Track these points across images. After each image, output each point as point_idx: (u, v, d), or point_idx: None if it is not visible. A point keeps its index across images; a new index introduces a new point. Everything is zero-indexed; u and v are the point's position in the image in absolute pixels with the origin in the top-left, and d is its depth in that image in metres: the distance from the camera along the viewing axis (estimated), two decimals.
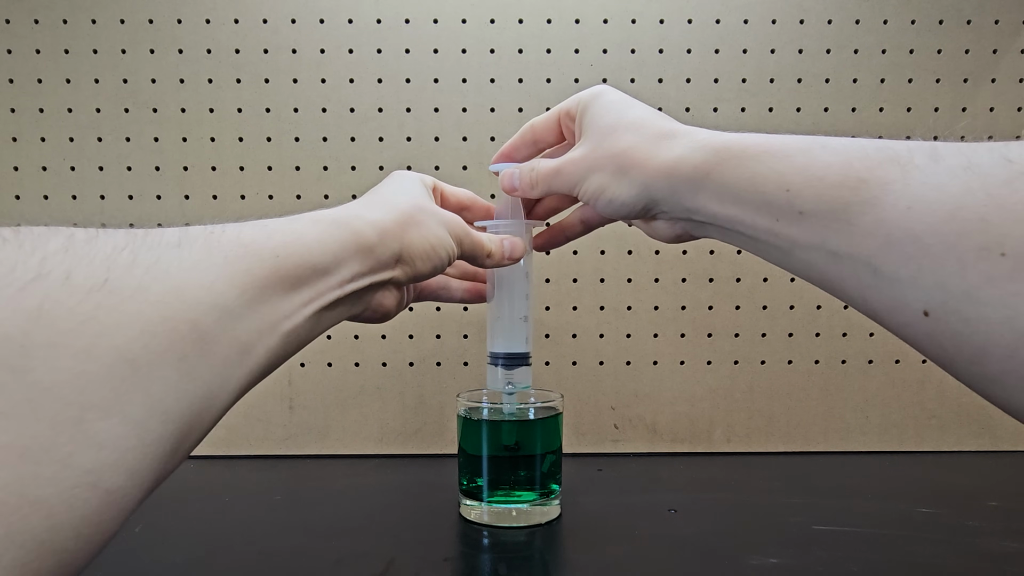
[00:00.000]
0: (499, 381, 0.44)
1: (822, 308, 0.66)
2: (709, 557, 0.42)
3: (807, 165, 0.26)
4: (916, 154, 0.23)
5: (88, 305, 0.18)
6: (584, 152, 0.35)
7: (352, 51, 0.63)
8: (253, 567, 0.41)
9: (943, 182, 0.22)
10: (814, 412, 0.66)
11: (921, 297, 0.22)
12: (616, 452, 0.66)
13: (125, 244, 0.20)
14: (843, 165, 0.25)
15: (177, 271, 0.21)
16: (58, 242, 0.18)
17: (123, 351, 0.18)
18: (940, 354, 0.23)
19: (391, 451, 0.66)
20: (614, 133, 0.33)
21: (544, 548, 0.44)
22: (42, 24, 0.61)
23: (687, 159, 0.30)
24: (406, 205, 0.34)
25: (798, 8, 0.63)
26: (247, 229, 0.25)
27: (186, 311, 0.20)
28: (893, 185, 0.23)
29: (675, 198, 0.31)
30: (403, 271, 0.33)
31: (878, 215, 0.23)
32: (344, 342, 0.65)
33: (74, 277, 0.18)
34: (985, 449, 0.67)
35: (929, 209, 0.21)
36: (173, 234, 0.22)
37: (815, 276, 0.27)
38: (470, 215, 0.43)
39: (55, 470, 0.16)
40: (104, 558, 0.42)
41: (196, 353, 0.20)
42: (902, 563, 0.41)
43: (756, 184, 0.27)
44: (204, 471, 0.61)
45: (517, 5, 0.62)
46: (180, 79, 0.62)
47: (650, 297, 0.65)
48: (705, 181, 0.29)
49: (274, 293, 0.25)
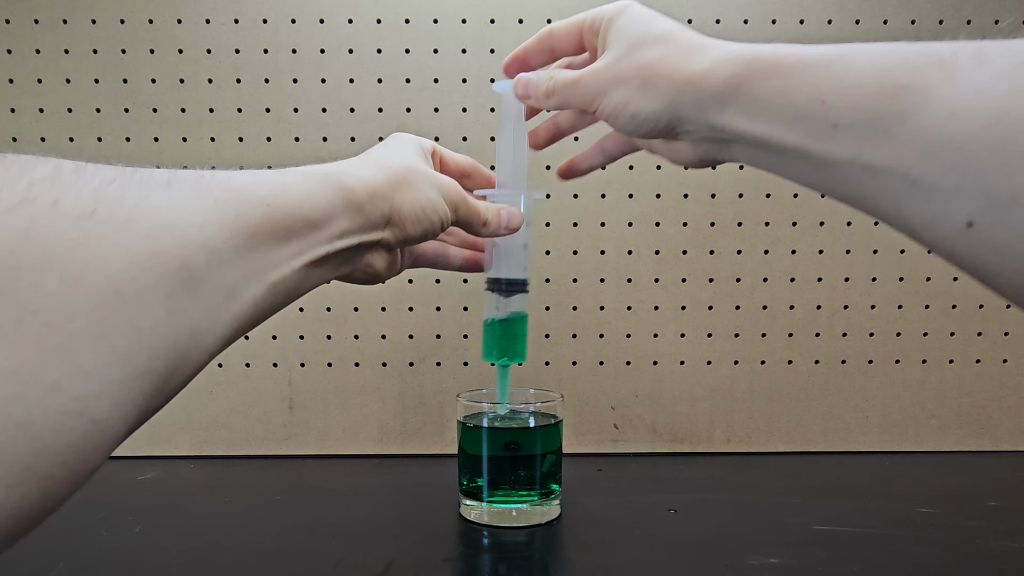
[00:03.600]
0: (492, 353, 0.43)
1: (822, 308, 0.66)
2: (709, 557, 0.42)
3: (843, 74, 0.24)
4: (961, 56, 0.22)
5: (76, 232, 0.18)
6: (608, 63, 0.32)
7: (352, 51, 0.63)
8: (253, 567, 0.41)
9: (989, 85, 0.20)
10: (814, 412, 0.66)
11: (964, 208, 0.21)
12: (616, 452, 0.66)
13: (114, 178, 0.20)
14: (881, 72, 0.23)
15: (167, 208, 0.20)
16: (45, 170, 0.18)
17: (111, 281, 0.18)
18: (982, 268, 0.22)
19: (391, 451, 0.66)
20: (642, 45, 0.31)
21: (544, 548, 0.44)
22: (42, 24, 0.61)
23: (716, 71, 0.28)
24: (398, 165, 0.33)
25: (798, 8, 0.63)
26: (237, 175, 0.25)
27: (175, 248, 0.20)
28: (936, 91, 0.21)
29: (701, 113, 0.29)
30: (393, 233, 0.32)
31: (918, 123, 0.22)
32: (344, 342, 0.65)
33: (62, 204, 0.18)
34: (985, 449, 0.67)
35: (974, 114, 0.20)
36: (162, 174, 0.22)
37: (847, 194, 0.26)
38: (471, 183, 0.42)
39: (42, 395, 0.16)
40: (104, 558, 0.42)
41: (183, 291, 0.20)
42: (902, 563, 0.41)
43: (788, 97, 0.26)
44: (204, 471, 0.61)
45: (517, 5, 0.62)
46: (180, 79, 0.62)
47: (650, 297, 0.65)
48: (735, 95, 0.27)
49: (263, 242, 0.24)
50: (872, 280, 0.65)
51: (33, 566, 0.41)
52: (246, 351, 0.65)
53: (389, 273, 0.35)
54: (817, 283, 0.66)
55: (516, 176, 0.42)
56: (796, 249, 0.65)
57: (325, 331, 0.65)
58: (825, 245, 0.65)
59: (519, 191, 0.41)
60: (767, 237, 0.65)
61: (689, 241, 0.65)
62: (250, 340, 0.64)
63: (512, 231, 0.40)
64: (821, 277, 0.65)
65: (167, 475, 0.59)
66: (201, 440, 0.65)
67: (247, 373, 0.65)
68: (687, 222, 0.65)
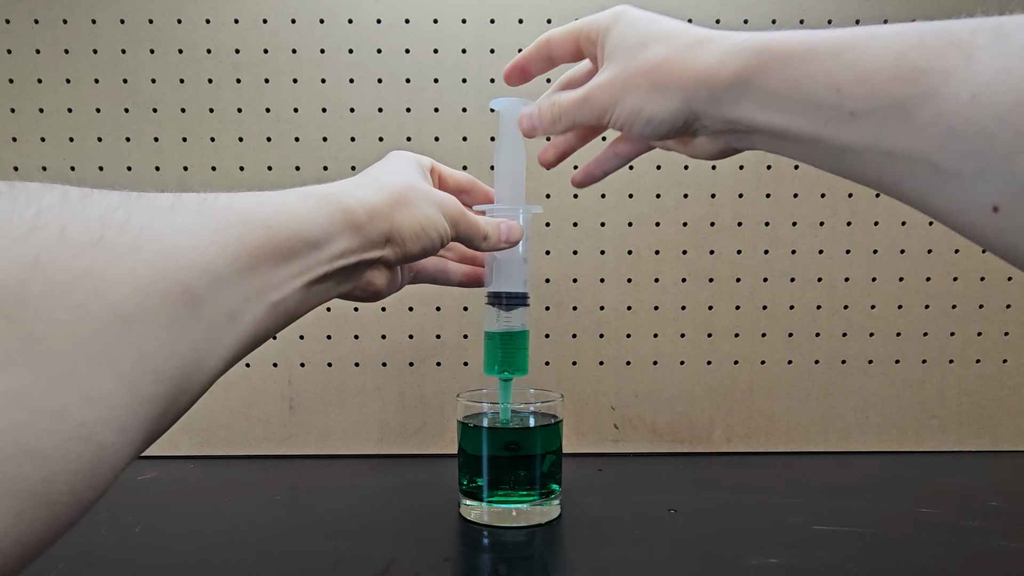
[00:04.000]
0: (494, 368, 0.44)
1: (822, 308, 0.66)
2: (709, 557, 0.42)
3: (858, 59, 0.24)
4: (979, 34, 0.21)
5: (84, 260, 0.18)
6: (613, 74, 0.32)
7: (352, 51, 0.63)
8: (253, 567, 0.41)
9: (1010, 64, 0.20)
10: (814, 412, 0.66)
11: (989, 191, 0.20)
12: (616, 452, 0.66)
13: (119, 203, 0.20)
14: (897, 56, 0.22)
15: (171, 233, 0.21)
16: (53, 197, 0.19)
17: (117, 308, 0.18)
18: (1012, 250, 0.21)
19: (391, 451, 0.66)
20: (645, 47, 0.30)
21: (544, 548, 0.44)
22: (42, 24, 0.61)
23: (726, 64, 0.28)
24: (397, 185, 0.33)
25: (798, 8, 0.63)
26: (239, 198, 0.25)
27: (179, 273, 0.20)
28: (955, 73, 0.21)
29: (717, 108, 0.29)
30: (393, 251, 0.33)
31: (938, 107, 0.21)
32: (344, 342, 0.65)
33: (70, 232, 0.18)
34: (985, 449, 0.67)
35: (996, 96, 0.20)
36: (166, 198, 0.22)
37: (870, 179, 0.25)
38: (469, 199, 0.42)
39: (49, 421, 0.16)
40: (104, 558, 0.42)
41: (187, 315, 0.20)
42: (902, 563, 0.41)
43: (802, 87, 0.25)
44: (204, 471, 0.61)
45: (517, 5, 0.62)
46: (180, 79, 0.62)
47: (650, 297, 0.65)
48: (748, 87, 0.27)
49: (264, 263, 0.25)
50: (872, 280, 0.65)
51: (33, 566, 0.41)
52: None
53: (390, 290, 0.36)
54: (817, 283, 0.66)
55: (515, 191, 0.42)
56: (796, 249, 0.65)
57: (325, 331, 0.65)
58: (825, 245, 0.65)
59: (518, 206, 0.42)
60: (767, 237, 0.65)
61: (689, 241, 0.65)
62: None
63: (512, 244, 0.40)
64: (821, 277, 0.65)
65: (167, 475, 0.59)
66: (201, 440, 0.65)
67: (247, 373, 0.65)
68: (687, 222, 0.65)
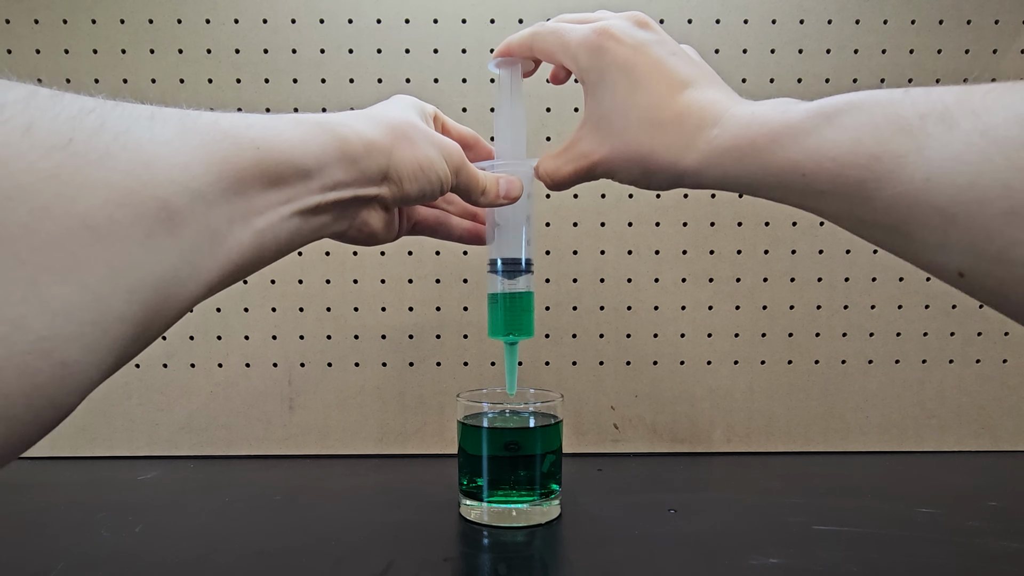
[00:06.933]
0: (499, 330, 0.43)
1: (822, 308, 0.66)
2: (709, 557, 0.42)
3: (817, 146, 0.26)
4: (928, 122, 0.22)
5: (49, 163, 0.17)
6: (604, 154, 0.34)
7: (352, 51, 0.63)
8: (253, 567, 0.41)
9: (959, 151, 0.21)
10: (814, 412, 0.66)
11: (953, 260, 0.22)
12: (616, 452, 0.66)
13: (93, 107, 0.19)
14: (853, 142, 0.24)
15: (149, 144, 0.20)
16: (19, 93, 0.17)
17: (84, 217, 0.17)
18: (988, 303, 0.23)
19: (391, 451, 0.66)
20: (627, 132, 0.33)
21: (544, 548, 0.44)
22: (42, 24, 0.61)
23: (707, 171, 0.31)
24: (397, 121, 0.32)
25: (798, 8, 0.63)
26: (226, 117, 0.24)
27: (156, 187, 0.19)
28: (908, 158, 0.23)
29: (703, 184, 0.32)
30: (390, 190, 0.31)
31: (896, 189, 0.23)
32: (344, 342, 0.65)
33: (35, 131, 0.17)
34: (985, 449, 0.67)
35: (948, 180, 0.21)
36: (146, 109, 0.21)
37: (856, 232, 0.27)
38: (471, 155, 0.41)
39: (5, 330, 0.15)
40: (104, 558, 0.42)
41: (164, 232, 0.19)
42: (902, 563, 0.41)
43: (771, 173, 0.28)
44: (204, 471, 0.61)
45: (517, 5, 0.62)
46: (180, 79, 0.62)
47: (650, 297, 0.65)
48: (725, 179, 0.30)
49: (251, 186, 0.24)
50: (872, 280, 0.65)
51: (33, 566, 0.41)
52: (246, 351, 0.65)
53: (387, 235, 0.35)
54: (817, 283, 0.66)
55: (515, 148, 0.41)
56: (796, 249, 0.65)
57: (325, 331, 0.65)
58: (825, 245, 0.65)
59: (519, 162, 0.40)
60: (767, 237, 0.65)
61: (689, 241, 0.65)
62: (250, 340, 0.64)
63: (511, 200, 0.39)
64: (821, 277, 0.65)
65: (167, 475, 0.59)
66: (201, 440, 0.65)
67: (247, 373, 0.65)
68: (687, 222, 0.65)
